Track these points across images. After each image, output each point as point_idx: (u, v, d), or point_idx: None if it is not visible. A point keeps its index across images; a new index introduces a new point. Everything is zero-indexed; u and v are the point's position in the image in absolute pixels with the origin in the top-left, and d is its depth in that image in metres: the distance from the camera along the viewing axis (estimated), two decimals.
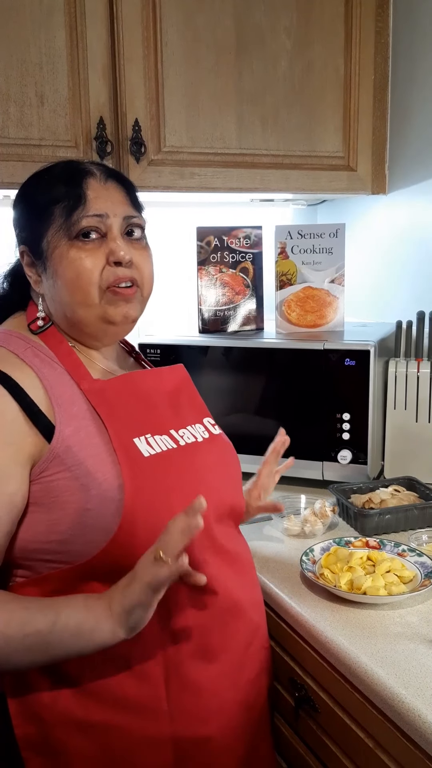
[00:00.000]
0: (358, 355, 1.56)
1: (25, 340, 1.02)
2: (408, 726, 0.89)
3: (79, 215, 0.99)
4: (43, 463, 0.94)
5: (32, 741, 0.99)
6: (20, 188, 1.08)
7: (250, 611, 1.11)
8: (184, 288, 1.97)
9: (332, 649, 1.05)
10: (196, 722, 1.02)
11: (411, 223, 1.84)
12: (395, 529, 1.41)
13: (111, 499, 0.94)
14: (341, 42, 1.71)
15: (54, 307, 1.04)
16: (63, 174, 1.03)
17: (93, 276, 1.00)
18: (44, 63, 1.48)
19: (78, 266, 0.99)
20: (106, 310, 1.02)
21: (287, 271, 1.81)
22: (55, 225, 1.00)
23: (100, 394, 1.01)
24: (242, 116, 1.65)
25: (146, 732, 0.99)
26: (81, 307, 1.01)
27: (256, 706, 1.12)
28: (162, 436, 1.05)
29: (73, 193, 1.00)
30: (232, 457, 1.18)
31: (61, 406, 0.97)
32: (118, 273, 1.01)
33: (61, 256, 1.00)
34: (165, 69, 1.57)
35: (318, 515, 1.44)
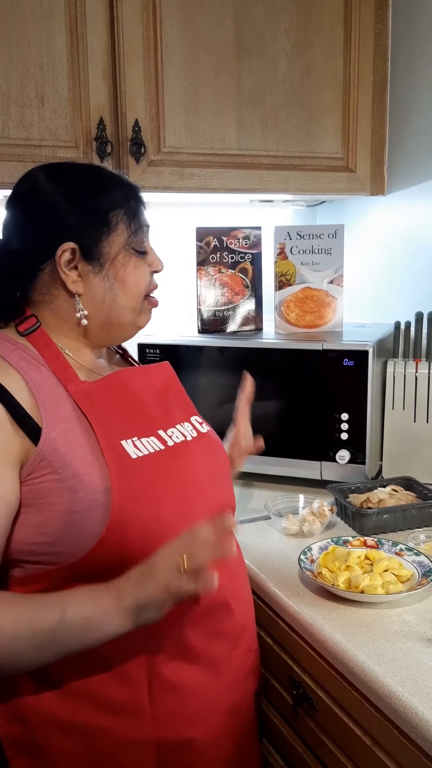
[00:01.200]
0: (356, 355, 1.57)
1: (11, 342, 1.01)
2: (405, 723, 0.90)
3: (139, 225, 1.07)
4: (31, 465, 0.94)
5: (16, 741, 1.00)
6: (47, 185, 1.04)
7: (236, 612, 1.10)
8: (183, 288, 1.98)
9: (330, 647, 1.06)
10: (179, 724, 1.02)
11: (410, 224, 1.85)
12: (393, 529, 1.41)
13: (98, 502, 0.94)
14: (340, 43, 1.71)
15: (96, 307, 1.05)
16: (118, 180, 1.08)
17: (144, 285, 1.08)
18: (45, 64, 1.49)
19: (140, 275, 1.07)
20: (140, 316, 1.10)
21: (286, 271, 1.82)
22: (119, 231, 1.04)
23: (87, 396, 1.01)
24: (242, 117, 1.66)
25: (129, 733, 1.00)
26: (131, 311, 1.08)
27: (242, 709, 1.12)
28: (149, 438, 1.05)
29: (131, 203, 1.06)
30: (221, 454, 1.19)
31: (47, 408, 0.96)
32: (155, 282, 1.12)
33: (125, 263, 1.05)
34: (165, 70, 1.58)
35: (316, 515, 1.44)
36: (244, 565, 1.19)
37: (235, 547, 1.15)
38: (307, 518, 1.42)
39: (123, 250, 1.05)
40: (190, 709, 1.03)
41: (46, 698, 0.99)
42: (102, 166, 1.15)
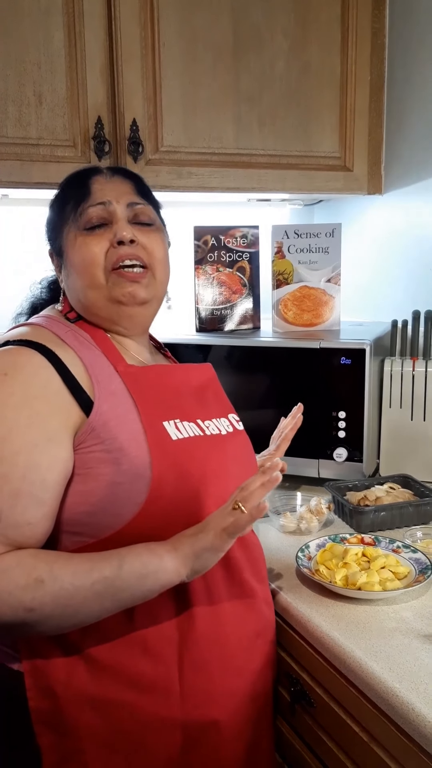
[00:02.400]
0: (353, 353, 1.57)
1: (65, 324, 1.09)
2: (402, 719, 0.90)
3: (84, 206, 1.08)
4: (82, 435, 0.98)
5: (45, 715, 1.01)
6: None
7: (262, 605, 1.14)
8: (181, 287, 1.98)
9: (327, 644, 1.06)
10: (205, 705, 1.04)
11: (407, 223, 1.85)
12: (390, 526, 1.42)
13: (140, 476, 0.98)
14: (338, 42, 1.72)
15: (71, 296, 1.11)
16: (74, 177, 1.13)
17: (98, 258, 1.06)
18: (42, 63, 1.49)
19: (84, 251, 1.07)
20: (112, 290, 1.07)
21: (284, 270, 1.82)
22: (68, 221, 1.09)
23: (134, 378, 1.06)
24: (239, 116, 1.66)
25: (157, 712, 1.01)
26: (90, 289, 1.08)
27: (261, 697, 1.14)
28: (190, 423, 1.09)
29: (79, 192, 1.09)
30: (251, 454, 1.22)
31: (100, 383, 1.01)
32: (120, 252, 1.07)
33: (72, 245, 1.08)
34: (163, 69, 1.58)
35: (314, 512, 1.45)
36: (265, 562, 1.21)
37: (259, 543, 1.20)
38: (305, 516, 1.43)
39: (71, 235, 1.09)
40: (217, 689, 1.05)
41: (78, 673, 1.00)
42: (85, 167, 1.18)
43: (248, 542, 1.13)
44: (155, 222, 1.14)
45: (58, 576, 0.90)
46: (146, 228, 1.11)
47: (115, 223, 1.08)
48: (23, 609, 0.89)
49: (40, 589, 0.89)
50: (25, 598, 0.89)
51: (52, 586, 0.90)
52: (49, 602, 0.90)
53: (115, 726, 1.00)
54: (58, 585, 0.90)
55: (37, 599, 0.89)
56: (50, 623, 0.93)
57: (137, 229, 1.09)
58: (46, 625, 0.93)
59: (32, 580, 0.89)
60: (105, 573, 0.92)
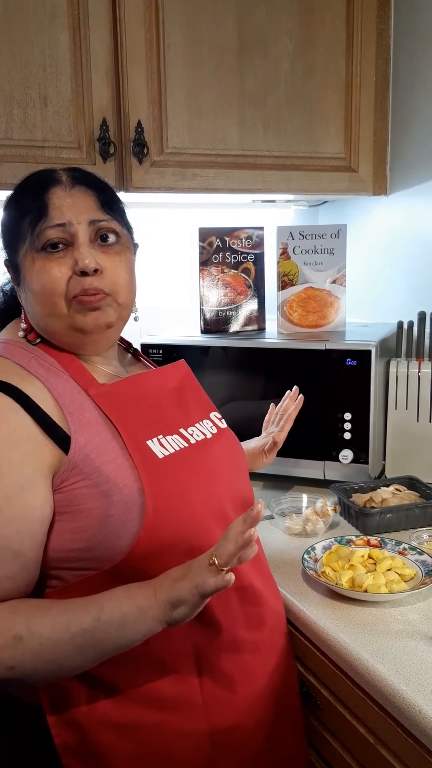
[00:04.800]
0: (359, 355, 1.57)
1: (27, 349, 1.01)
2: (408, 721, 0.90)
3: (42, 227, 0.98)
4: (63, 474, 0.94)
5: (72, 747, 0.99)
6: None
7: (271, 601, 1.13)
8: (186, 288, 1.98)
9: (333, 645, 1.06)
10: (230, 711, 1.03)
11: (412, 224, 1.85)
12: (396, 528, 1.42)
13: (132, 503, 0.95)
14: (342, 44, 1.71)
15: (31, 319, 1.04)
16: (30, 186, 1.02)
17: (58, 287, 0.98)
18: (47, 65, 1.49)
19: (44, 278, 0.98)
20: (74, 318, 1.00)
21: (289, 271, 1.82)
22: (24, 238, 0.99)
23: (108, 399, 1.01)
24: (244, 118, 1.66)
25: (183, 726, 1.00)
26: (50, 318, 1.00)
27: (285, 691, 1.13)
28: (173, 436, 1.05)
29: (35, 205, 0.99)
30: (239, 450, 1.20)
31: (73, 415, 0.96)
32: (84, 284, 0.98)
33: (30, 269, 0.99)
34: (167, 71, 1.58)
35: (319, 514, 1.44)
36: (265, 556, 1.20)
37: (258, 539, 1.18)
38: (311, 518, 1.43)
39: (28, 256, 0.99)
40: (239, 695, 1.04)
41: (99, 701, 0.98)
42: (42, 170, 1.05)
43: None
44: (119, 237, 1.03)
45: (36, 631, 0.88)
46: (109, 249, 1.01)
47: (76, 247, 0.98)
48: (4, 667, 0.87)
49: (19, 647, 0.87)
50: (4, 657, 0.87)
51: (31, 643, 0.87)
52: (29, 659, 0.88)
53: (143, 747, 0.99)
54: (36, 641, 0.87)
55: (17, 657, 0.87)
56: (35, 677, 0.91)
57: (99, 252, 1.00)
58: (31, 680, 0.92)
59: (10, 638, 0.87)
60: (83, 626, 0.88)
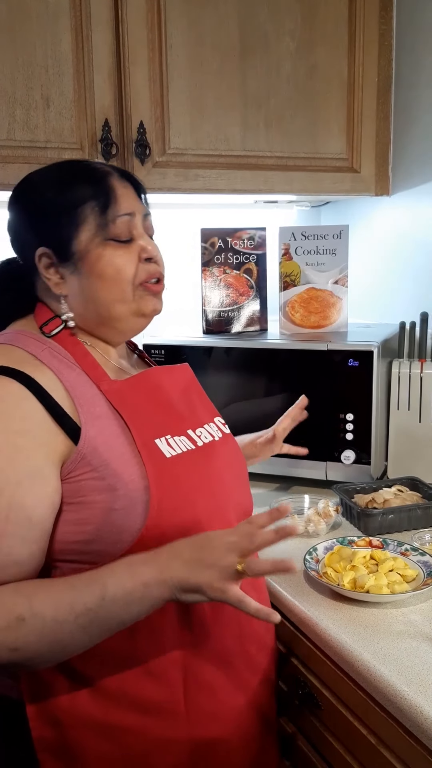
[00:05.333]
0: (361, 355, 1.57)
1: (40, 341, 1.01)
2: (410, 722, 0.90)
3: (114, 214, 1.01)
4: (71, 464, 0.94)
5: (49, 743, 1.00)
6: (22, 191, 1.05)
7: None
8: (188, 289, 1.98)
9: (335, 647, 1.06)
10: (211, 723, 1.03)
11: (414, 225, 1.85)
12: (398, 529, 1.42)
13: (138, 500, 0.95)
14: (345, 44, 1.72)
15: (84, 306, 1.04)
16: (82, 173, 1.03)
17: (129, 273, 1.02)
18: (50, 66, 1.49)
19: (117, 264, 1.01)
20: (140, 304, 1.05)
21: (291, 272, 1.82)
22: (87, 225, 1.00)
23: (120, 395, 1.01)
24: (246, 118, 1.66)
25: (164, 733, 1.00)
26: (118, 303, 1.03)
27: (266, 706, 1.13)
28: (180, 437, 1.05)
29: (102, 192, 1.01)
30: (241, 455, 1.20)
31: (84, 407, 0.96)
32: (150, 270, 1.05)
33: (99, 256, 1.01)
34: (170, 72, 1.58)
35: (321, 515, 1.44)
36: None
37: None
38: (313, 518, 1.43)
39: (95, 243, 1.01)
40: (224, 707, 1.04)
41: (81, 699, 0.98)
42: (82, 160, 1.10)
43: None
44: None
45: (39, 612, 0.87)
46: (153, 239, 1.09)
47: (138, 236, 1.04)
48: (7, 649, 0.86)
49: (22, 628, 0.86)
50: (8, 639, 0.86)
51: (34, 624, 0.86)
52: (33, 640, 0.87)
53: (122, 750, 0.99)
54: (39, 622, 0.87)
55: (20, 639, 0.86)
56: (39, 659, 0.90)
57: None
58: (35, 661, 0.90)
59: (13, 620, 0.86)
60: (88, 605, 0.87)
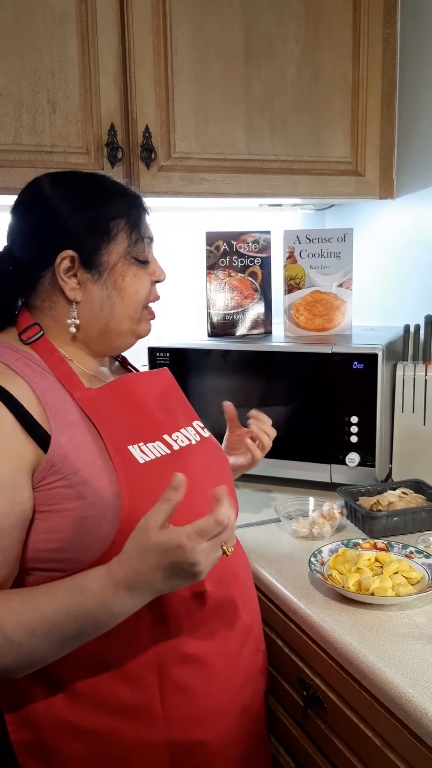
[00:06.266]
0: (366, 358, 1.57)
1: (15, 350, 1.02)
2: (415, 724, 0.91)
3: (141, 235, 1.07)
4: (41, 473, 0.94)
5: (28, 746, 1.00)
6: (59, 189, 1.05)
7: (243, 613, 1.11)
8: (193, 292, 1.99)
9: (340, 648, 1.06)
10: (190, 725, 1.03)
11: (419, 227, 1.85)
12: (403, 531, 1.42)
13: (108, 507, 0.95)
14: (349, 48, 1.72)
15: (94, 315, 1.06)
16: (121, 191, 1.08)
17: (144, 294, 1.09)
18: (56, 71, 1.50)
19: (140, 283, 1.07)
20: (140, 325, 1.11)
21: (295, 275, 1.83)
22: (119, 241, 1.05)
23: (93, 403, 1.01)
24: (251, 122, 1.67)
25: (141, 736, 1.00)
26: (129, 319, 1.08)
27: (251, 709, 1.13)
28: (155, 442, 1.05)
29: (135, 213, 1.07)
30: (223, 459, 1.20)
31: (56, 415, 0.97)
32: (155, 292, 1.12)
33: (125, 272, 1.06)
34: (175, 76, 1.59)
35: (326, 517, 1.45)
36: (249, 566, 1.20)
37: (240, 548, 1.17)
38: (317, 521, 1.43)
39: (123, 259, 1.05)
40: (201, 710, 1.04)
41: (56, 703, 0.99)
42: (107, 175, 1.13)
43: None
44: None
45: (11, 636, 0.87)
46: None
47: (152, 260, 1.11)
48: None
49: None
50: None
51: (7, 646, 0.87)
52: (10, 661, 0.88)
53: (99, 751, 0.99)
54: (15, 646, 0.88)
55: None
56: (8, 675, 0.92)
57: None
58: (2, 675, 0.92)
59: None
60: (65, 635, 0.89)
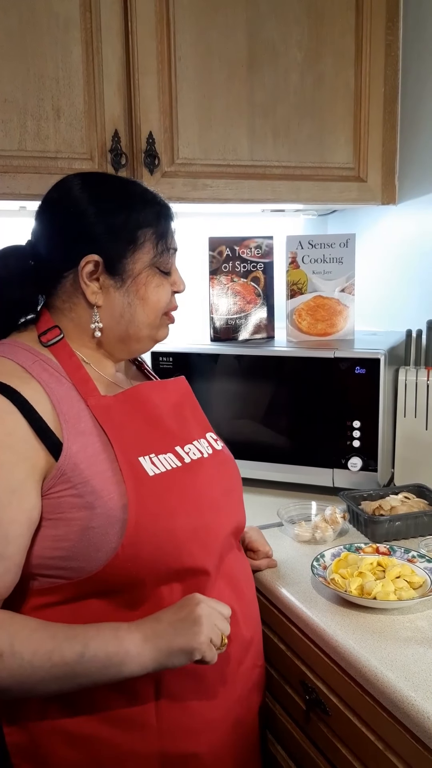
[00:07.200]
0: (368, 363, 1.58)
1: (33, 353, 1.02)
2: (417, 728, 0.91)
3: (167, 246, 1.08)
4: (51, 480, 0.94)
5: (22, 749, 1.01)
6: (89, 191, 1.05)
7: (243, 627, 1.11)
8: (196, 297, 1.99)
9: (343, 652, 1.07)
10: (184, 738, 1.03)
11: (421, 233, 1.86)
12: (405, 536, 1.42)
13: (115, 518, 0.95)
14: (352, 55, 1.73)
15: (115, 320, 1.07)
16: (151, 200, 1.09)
17: (164, 303, 1.10)
18: (61, 78, 1.51)
19: (162, 293, 1.08)
20: (159, 331, 1.12)
21: (298, 280, 1.83)
22: (145, 249, 1.06)
23: (106, 411, 1.01)
24: (254, 128, 1.68)
25: (134, 746, 1.00)
26: (148, 327, 1.09)
27: (245, 723, 1.13)
28: (167, 454, 1.05)
29: (162, 223, 1.08)
30: (234, 471, 1.19)
31: (69, 422, 0.97)
32: (174, 302, 1.14)
33: (148, 281, 1.07)
34: (178, 83, 1.60)
35: (329, 522, 1.45)
36: (252, 580, 1.20)
37: (245, 562, 1.18)
38: (320, 525, 1.43)
39: (147, 268, 1.06)
40: (196, 722, 1.04)
41: (52, 710, 0.99)
42: (139, 182, 1.13)
43: (225, 564, 1.10)
44: None
45: (18, 652, 0.89)
46: None
47: (174, 270, 1.12)
48: None
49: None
50: None
51: (11, 662, 0.89)
52: (5, 676, 0.89)
53: (92, 759, 0.99)
54: (17, 662, 0.89)
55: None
56: (5, 694, 0.93)
57: None
58: (1, 696, 0.94)
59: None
60: (66, 658, 0.90)
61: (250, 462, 1.69)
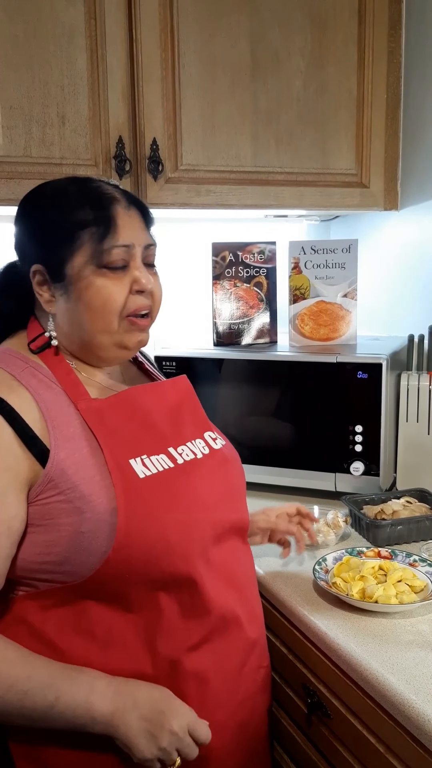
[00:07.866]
0: (370, 368, 1.59)
1: (23, 359, 1.02)
2: (418, 731, 0.91)
3: (110, 244, 0.99)
4: (39, 487, 0.94)
5: (24, 750, 1.01)
6: (29, 204, 1.05)
7: (246, 627, 1.11)
8: (199, 302, 2.01)
9: (344, 656, 1.07)
10: None
11: (423, 239, 1.87)
12: (407, 540, 1.43)
13: (104, 522, 0.95)
14: (354, 62, 1.74)
15: (69, 329, 1.03)
16: (88, 196, 1.01)
17: (117, 305, 1.00)
18: (66, 85, 1.53)
19: (105, 295, 1.00)
20: (123, 337, 1.03)
21: (300, 285, 1.84)
22: (83, 251, 0.99)
23: (96, 414, 1.01)
24: (257, 135, 1.69)
25: None
26: (101, 333, 1.02)
27: (251, 725, 1.13)
28: (159, 455, 1.04)
29: (102, 220, 0.99)
30: (235, 470, 1.18)
31: (57, 429, 0.96)
32: (139, 302, 1.03)
33: (89, 283, 0.99)
34: (182, 90, 1.61)
35: (331, 526, 1.46)
36: (255, 582, 1.19)
37: (249, 561, 1.17)
38: (322, 529, 1.44)
39: (87, 269, 0.99)
40: None
41: None
42: (94, 178, 1.06)
43: (226, 565, 1.09)
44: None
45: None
46: (152, 270, 1.06)
47: (134, 267, 1.02)
48: None
49: None
50: None
51: None
52: None
53: (94, 761, 1.00)
54: None
55: None
56: None
57: (148, 274, 1.04)
58: None
59: None
60: (36, 705, 0.90)
61: (253, 466, 1.69)
